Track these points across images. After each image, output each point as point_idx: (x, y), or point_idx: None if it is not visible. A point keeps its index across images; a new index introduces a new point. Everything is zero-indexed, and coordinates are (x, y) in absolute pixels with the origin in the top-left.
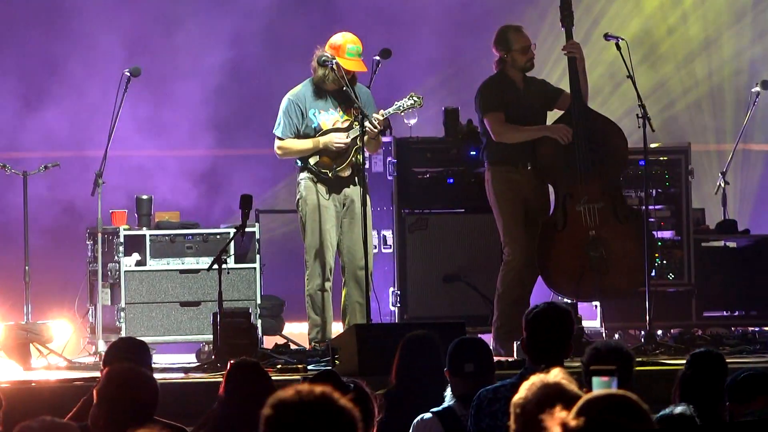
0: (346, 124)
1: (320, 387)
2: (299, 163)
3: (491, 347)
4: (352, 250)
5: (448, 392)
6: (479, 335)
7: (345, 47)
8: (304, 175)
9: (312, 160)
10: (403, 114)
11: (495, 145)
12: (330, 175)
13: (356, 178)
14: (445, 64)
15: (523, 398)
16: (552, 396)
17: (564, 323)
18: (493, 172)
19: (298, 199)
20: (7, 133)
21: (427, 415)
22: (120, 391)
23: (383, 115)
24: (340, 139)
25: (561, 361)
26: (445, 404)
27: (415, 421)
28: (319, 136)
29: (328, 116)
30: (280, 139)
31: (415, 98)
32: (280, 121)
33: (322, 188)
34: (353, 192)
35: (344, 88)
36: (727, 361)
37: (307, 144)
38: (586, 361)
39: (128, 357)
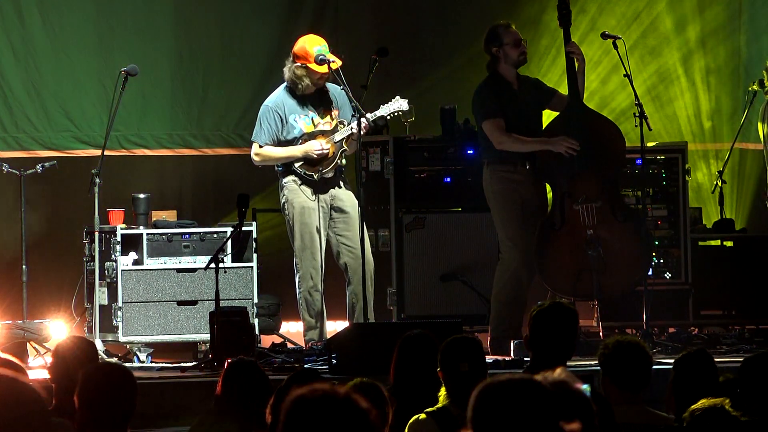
0: (327, 126)
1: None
2: (280, 167)
3: (488, 346)
4: (353, 248)
5: (442, 392)
6: (476, 334)
7: (311, 52)
8: (287, 178)
9: (297, 163)
10: (389, 117)
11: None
12: (315, 177)
13: (340, 178)
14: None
15: None
16: (557, 394)
17: (569, 322)
18: (492, 171)
19: (284, 203)
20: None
21: (422, 415)
22: (100, 391)
23: (369, 119)
24: (319, 148)
25: (564, 360)
26: (440, 404)
27: (411, 422)
28: (301, 140)
29: (309, 120)
30: (259, 146)
31: (401, 103)
32: (259, 128)
33: (307, 190)
34: (340, 192)
35: (342, 88)
36: (725, 360)
37: (285, 152)
38: (610, 354)
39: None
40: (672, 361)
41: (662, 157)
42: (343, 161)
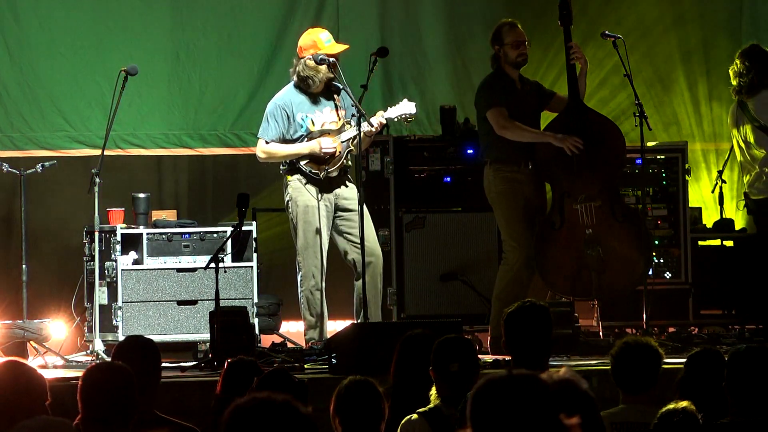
0: (333, 126)
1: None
2: (285, 165)
3: (488, 346)
4: (360, 246)
5: (433, 392)
6: (476, 334)
7: (319, 38)
8: (292, 176)
9: (303, 161)
10: (396, 120)
11: (496, 145)
12: (321, 176)
13: (345, 178)
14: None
15: None
16: (562, 393)
17: (541, 321)
18: (495, 171)
19: (288, 201)
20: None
21: (414, 415)
22: (99, 390)
23: (382, 116)
24: (327, 146)
25: (543, 359)
26: (431, 404)
27: (403, 422)
28: (307, 139)
29: (316, 119)
30: (265, 142)
31: (409, 106)
32: (266, 125)
33: (311, 189)
34: (345, 191)
35: (343, 88)
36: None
37: (291, 149)
38: (616, 354)
39: (134, 357)
40: (672, 360)
41: (662, 157)
42: (349, 161)
